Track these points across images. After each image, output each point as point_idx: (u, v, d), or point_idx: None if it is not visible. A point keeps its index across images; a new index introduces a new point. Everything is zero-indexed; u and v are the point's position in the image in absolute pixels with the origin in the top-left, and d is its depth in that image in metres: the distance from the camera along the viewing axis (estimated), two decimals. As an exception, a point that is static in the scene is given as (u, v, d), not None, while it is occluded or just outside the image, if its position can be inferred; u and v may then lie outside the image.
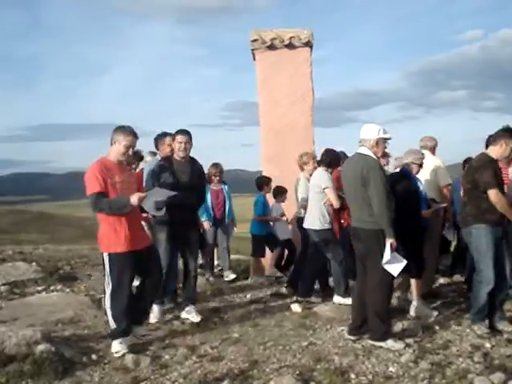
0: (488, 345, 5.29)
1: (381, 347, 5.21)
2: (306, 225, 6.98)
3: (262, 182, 8.67)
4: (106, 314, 5.42)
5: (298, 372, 4.63)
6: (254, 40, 9.11)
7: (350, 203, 5.59)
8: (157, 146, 6.93)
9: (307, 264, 7.10)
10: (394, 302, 6.85)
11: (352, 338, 5.49)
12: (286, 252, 8.82)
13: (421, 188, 6.44)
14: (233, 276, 8.69)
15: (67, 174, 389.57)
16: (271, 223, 8.78)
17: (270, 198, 8.75)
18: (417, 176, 6.55)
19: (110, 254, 5.20)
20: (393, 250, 5.15)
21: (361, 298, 5.47)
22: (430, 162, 7.07)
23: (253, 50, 9.22)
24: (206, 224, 8.46)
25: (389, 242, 5.13)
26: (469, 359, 4.90)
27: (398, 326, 5.82)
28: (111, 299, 5.22)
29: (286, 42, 9.04)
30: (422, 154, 6.64)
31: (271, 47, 9.09)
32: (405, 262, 5.25)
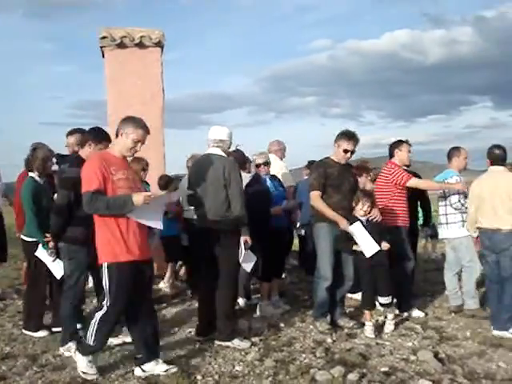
0: (329, 340, 5.53)
1: (228, 347, 5.28)
2: None
3: (166, 183, 8.14)
4: (85, 326, 4.66)
5: (143, 377, 4.55)
6: (103, 37, 8.85)
7: (203, 203, 5.43)
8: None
9: None
10: (241, 301, 7.00)
11: (199, 338, 5.50)
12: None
13: (271, 189, 6.63)
14: None
15: None
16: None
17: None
18: (267, 177, 6.75)
19: (110, 264, 4.43)
20: (247, 248, 5.26)
21: (206, 298, 5.49)
22: (275, 166, 7.29)
23: (102, 47, 8.96)
24: None
25: (244, 240, 5.23)
26: (311, 355, 5.09)
27: (245, 325, 5.93)
28: (104, 315, 4.45)
29: (137, 41, 8.87)
30: (266, 154, 6.88)
31: (121, 45, 8.87)
32: (255, 258, 5.41)
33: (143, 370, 4.59)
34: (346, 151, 5.91)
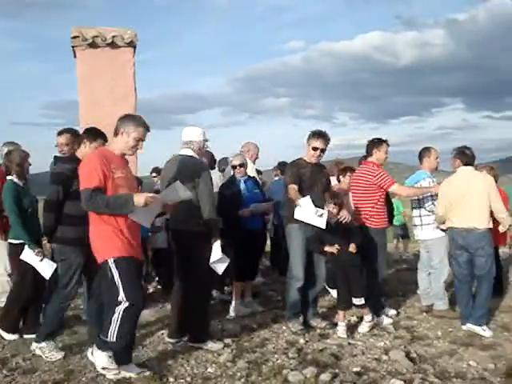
0: (302, 341, 5.55)
1: (200, 349, 5.25)
2: None
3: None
4: (109, 322, 4.36)
5: (115, 380, 4.48)
6: (75, 37, 8.74)
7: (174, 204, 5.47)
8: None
9: None
10: (214, 293, 7.00)
11: (172, 341, 5.46)
12: None
13: (244, 191, 6.62)
14: None
15: None
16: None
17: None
18: (243, 178, 6.76)
19: (116, 259, 4.32)
20: (218, 249, 5.22)
21: (179, 300, 5.46)
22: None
23: (73, 47, 8.86)
24: None
25: (216, 241, 5.20)
26: (284, 355, 5.10)
27: (217, 327, 5.92)
28: (124, 313, 4.30)
29: (109, 41, 8.78)
30: (242, 156, 6.87)
31: (93, 45, 8.78)
32: (228, 260, 5.38)
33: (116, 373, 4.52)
34: (314, 149, 5.93)
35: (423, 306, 6.87)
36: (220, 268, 5.35)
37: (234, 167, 6.73)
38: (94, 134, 5.26)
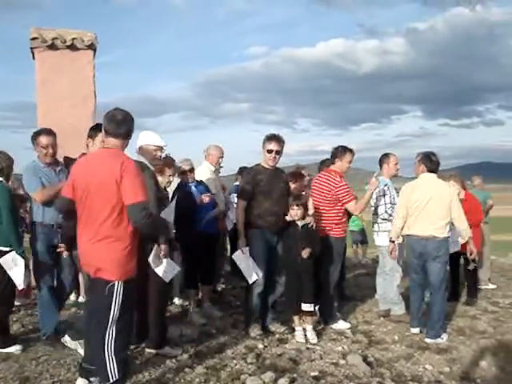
0: (261, 346, 5.56)
1: (158, 354, 5.21)
2: None
3: None
4: (103, 362, 3.89)
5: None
6: (34, 38, 8.63)
7: None
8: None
9: None
10: (174, 308, 6.95)
11: (131, 346, 5.40)
12: None
13: (196, 195, 6.60)
14: None
15: None
16: None
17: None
18: (193, 184, 6.76)
19: (124, 282, 3.91)
20: (164, 255, 5.02)
21: (137, 306, 5.39)
22: (206, 172, 7.31)
23: (32, 48, 8.74)
24: None
25: (156, 246, 5.03)
26: (242, 361, 5.11)
27: (176, 332, 5.87)
28: (116, 338, 3.89)
29: (68, 43, 8.69)
30: (190, 161, 6.85)
31: (52, 47, 8.68)
32: (177, 267, 5.26)
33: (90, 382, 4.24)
34: (269, 151, 5.94)
35: (381, 310, 6.95)
36: (167, 276, 5.13)
37: (183, 172, 6.71)
38: (94, 129, 5.23)
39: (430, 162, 6.17)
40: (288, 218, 5.94)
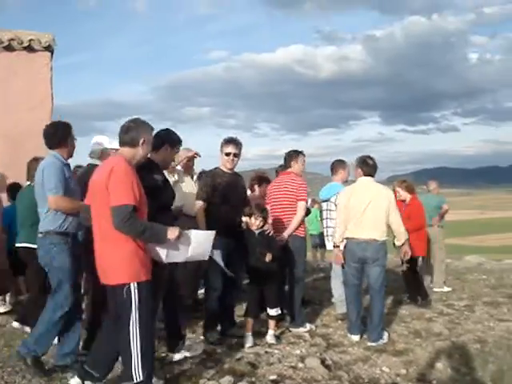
0: (219, 350, 5.55)
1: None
2: None
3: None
4: (128, 362, 3.92)
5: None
6: (-11, 39, 8.52)
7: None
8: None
9: None
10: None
11: None
12: None
13: None
14: None
15: None
16: None
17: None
18: None
19: (139, 284, 3.90)
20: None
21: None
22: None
23: (-13, 49, 8.61)
24: None
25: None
26: (201, 365, 5.08)
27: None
28: (142, 341, 3.87)
29: (25, 45, 8.60)
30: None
31: (8, 48, 8.57)
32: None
33: None
34: (227, 154, 5.97)
35: (338, 313, 7.01)
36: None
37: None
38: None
39: (367, 165, 6.24)
40: (244, 224, 5.96)
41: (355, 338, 6.11)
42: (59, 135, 4.99)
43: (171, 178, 6.94)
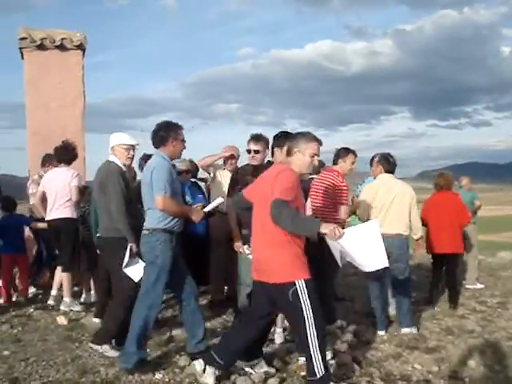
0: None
1: (96, 351, 5.20)
2: None
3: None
4: (309, 359, 4.15)
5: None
6: (23, 38, 8.66)
7: (98, 212, 5.59)
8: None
9: None
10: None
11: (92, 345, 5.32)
12: None
13: (188, 196, 6.61)
14: None
15: None
16: None
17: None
18: (187, 184, 6.77)
19: (306, 281, 4.15)
20: (133, 255, 5.02)
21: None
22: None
23: (21, 48, 8.75)
24: None
25: (129, 246, 5.03)
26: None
27: (165, 335, 5.84)
28: (318, 334, 4.11)
29: (57, 43, 8.72)
30: (187, 161, 6.88)
31: (41, 47, 8.69)
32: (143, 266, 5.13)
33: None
34: (248, 151, 6.01)
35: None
36: (136, 275, 5.02)
37: (180, 173, 6.71)
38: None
39: (388, 163, 6.35)
40: None
41: (381, 333, 6.13)
42: (160, 135, 4.99)
43: (207, 175, 7.04)
